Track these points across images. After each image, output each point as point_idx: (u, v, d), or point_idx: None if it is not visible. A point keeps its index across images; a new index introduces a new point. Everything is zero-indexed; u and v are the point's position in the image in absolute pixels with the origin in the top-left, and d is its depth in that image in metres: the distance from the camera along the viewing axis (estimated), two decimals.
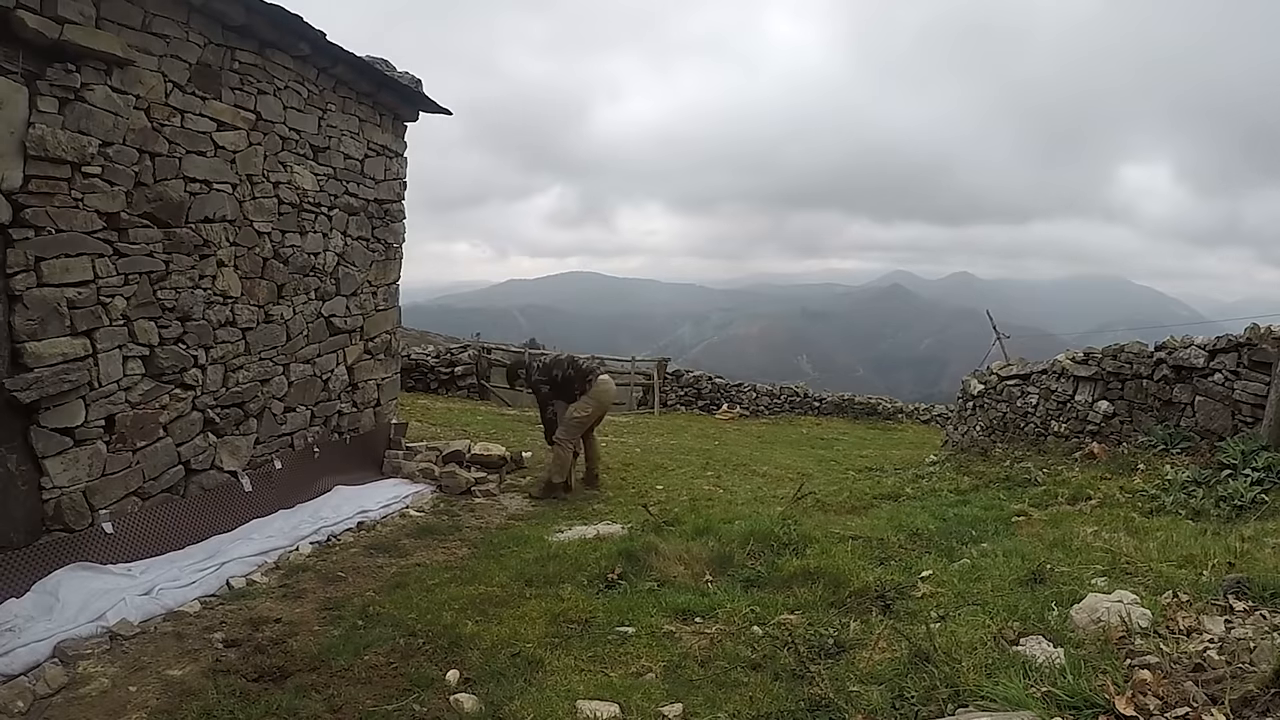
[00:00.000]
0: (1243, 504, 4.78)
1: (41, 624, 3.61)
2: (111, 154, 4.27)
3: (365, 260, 6.95)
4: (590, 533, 5.49)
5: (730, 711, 2.67)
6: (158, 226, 4.63)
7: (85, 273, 4.17)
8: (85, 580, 4.00)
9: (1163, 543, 3.92)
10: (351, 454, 6.84)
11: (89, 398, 4.23)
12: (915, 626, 2.93)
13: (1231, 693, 1.96)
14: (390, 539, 5.47)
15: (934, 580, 3.73)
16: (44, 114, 3.89)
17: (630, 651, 3.33)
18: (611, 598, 3.97)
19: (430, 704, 2.95)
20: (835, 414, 18.54)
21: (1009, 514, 5.27)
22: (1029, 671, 2.26)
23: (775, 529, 4.69)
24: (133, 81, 4.38)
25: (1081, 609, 2.73)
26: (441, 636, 3.55)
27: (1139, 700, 2.00)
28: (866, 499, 6.60)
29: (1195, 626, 2.53)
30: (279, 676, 3.22)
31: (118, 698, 3.11)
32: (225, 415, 5.32)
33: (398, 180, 7.37)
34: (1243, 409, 5.83)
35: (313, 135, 6.07)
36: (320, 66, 6.02)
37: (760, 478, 9.16)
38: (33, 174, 3.85)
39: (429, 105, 7.44)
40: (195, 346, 5.00)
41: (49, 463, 4.03)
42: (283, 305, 5.86)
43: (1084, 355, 7.62)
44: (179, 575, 4.34)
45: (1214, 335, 6.21)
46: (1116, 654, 2.31)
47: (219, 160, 5.09)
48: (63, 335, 4.06)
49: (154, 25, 4.49)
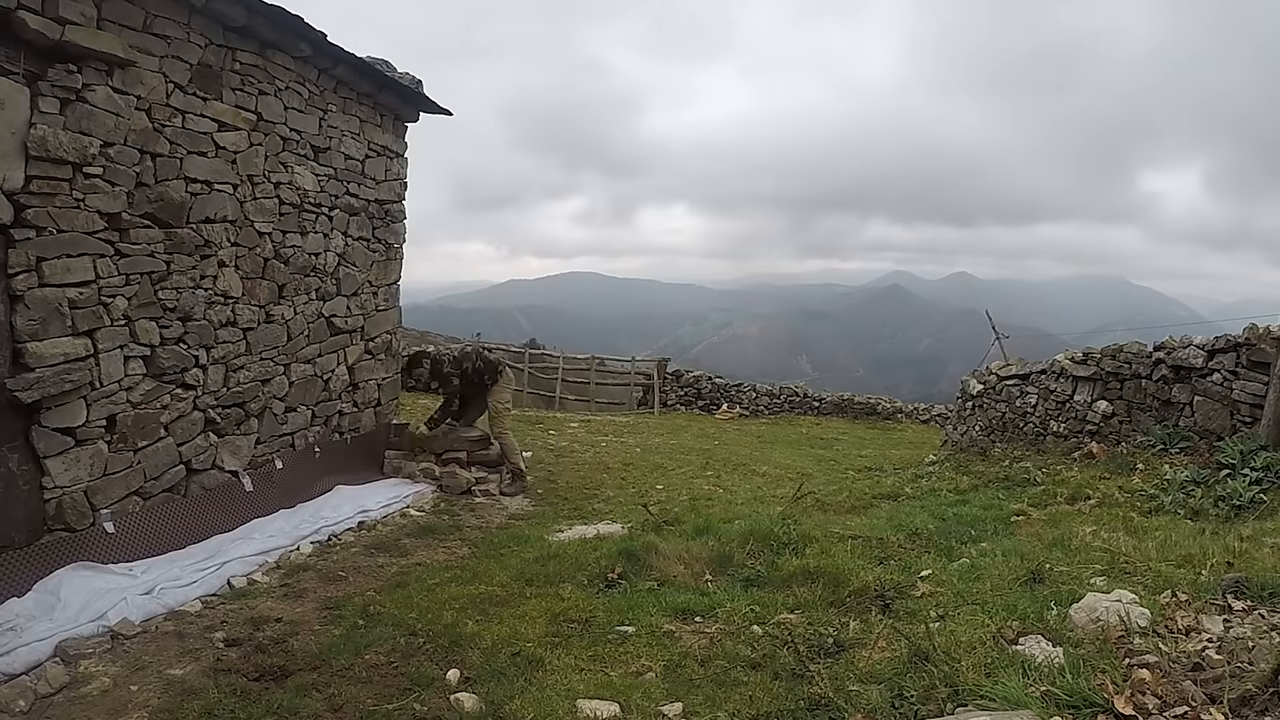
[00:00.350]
0: (1241, 504, 4.79)
1: (43, 623, 3.61)
2: (113, 154, 4.28)
3: (366, 260, 6.97)
4: (590, 532, 5.50)
5: (730, 710, 2.67)
6: (159, 227, 4.64)
7: (86, 273, 4.18)
8: (87, 580, 4.01)
9: (1161, 542, 3.92)
10: (352, 454, 6.86)
11: (90, 397, 4.24)
12: (915, 626, 2.93)
13: (1230, 692, 1.97)
14: (391, 538, 5.48)
15: (933, 580, 3.73)
16: (45, 114, 3.89)
17: (630, 651, 3.34)
18: (611, 597, 3.98)
19: (431, 703, 2.95)
20: (835, 414, 18.55)
21: (1008, 514, 5.27)
22: (1028, 671, 2.26)
23: (775, 528, 4.69)
24: (134, 82, 4.38)
25: (1080, 608, 2.73)
26: (442, 636, 3.56)
27: (1138, 699, 2.00)
28: (866, 499, 6.62)
29: (1194, 626, 2.54)
30: (280, 676, 3.23)
31: (119, 697, 3.11)
32: (226, 415, 5.33)
33: (398, 181, 7.39)
34: (1241, 409, 5.84)
35: (313, 136, 6.08)
36: (321, 67, 6.03)
37: (760, 477, 9.17)
38: (34, 174, 3.86)
39: (429, 106, 7.46)
40: (196, 346, 5.01)
41: (50, 462, 4.04)
42: (283, 305, 5.88)
43: (1083, 355, 7.62)
44: (180, 575, 4.35)
45: (1213, 335, 6.22)
46: (1115, 653, 2.31)
47: (220, 161, 5.11)
48: (64, 335, 4.07)
49: (155, 26, 4.50)
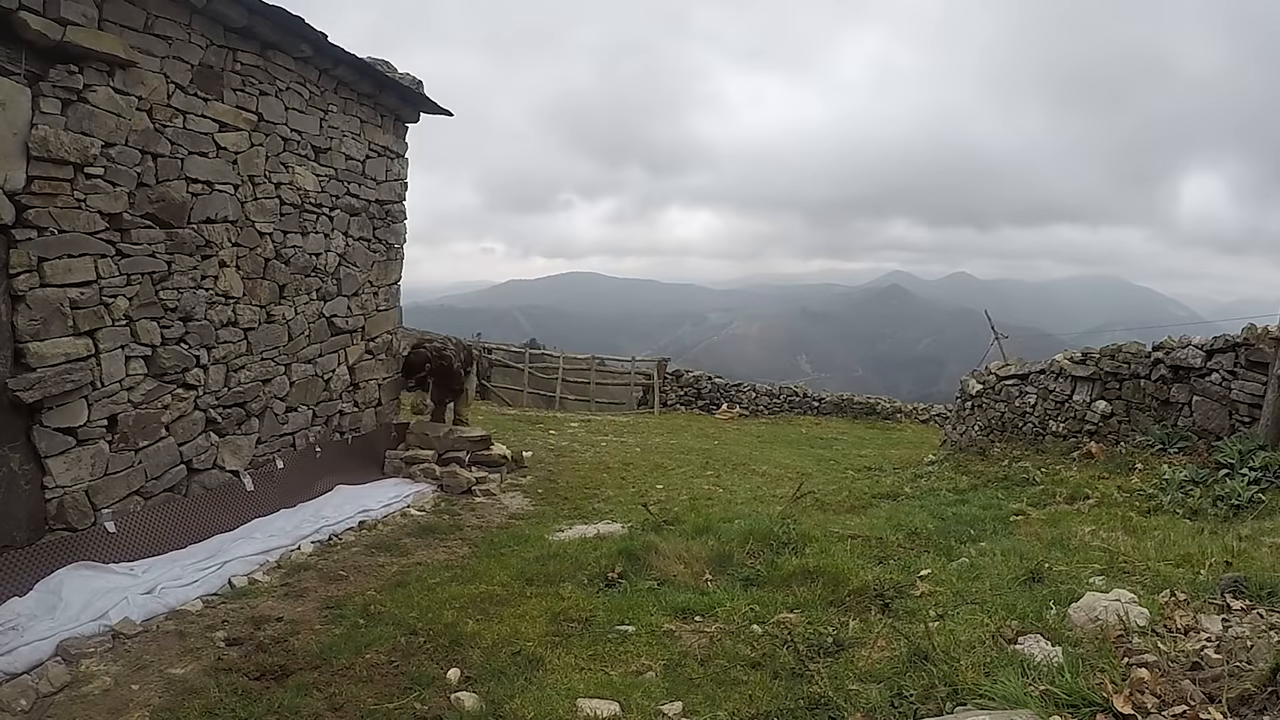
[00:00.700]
0: (1240, 503, 4.80)
1: (44, 623, 3.62)
2: (114, 155, 4.29)
3: (366, 261, 6.98)
4: (590, 532, 5.52)
5: (730, 710, 2.68)
6: (160, 227, 4.66)
7: (88, 273, 4.19)
8: (88, 579, 4.02)
9: (1160, 542, 3.94)
10: (353, 453, 6.87)
11: (91, 397, 4.26)
12: (914, 625, 2.94)
13: (1229, 691, 1.98)
14: (391, 538, 5.49)
15: (932, 579, 3.74)
16: (47, 115, 3.91)
17: (630, 650, 3.35)
18: (612, 596, 3.99)
19: (431, 702, 2.96)
20: (834, 414, 18.65)
21: (1007, 513, 5.29)
22: (1027, 670, 2.27)
23: (774, 528, 4.69)
24: (135, 83, 4.40)
25: (1079, 608, 2.74)
26: (442, 635, 3.57)
27: (1137, 698, 2.01)
28: (865, 498, 6.63)
29: (1193, 625, 2.54)
30: (281, 675, 3.24)
31: (120, 696, 3.12)
32: (227, 415, 5.34)
33: (399, 181, 7.41)
34: (1240, 409, 5.86)
35: (314, 136, 6.10)
36: (322, 68, 6.05)
37: (760, 477, 9.19)
38: (36, 174, 3.88)
39: (429, 106, 7.48)
40: (197, 346, 5.02)
41: (52, 462, 4.05)
42: (284, 305, 5.89)
43: (1082, 355, 7.63)
44: (181, 574, 4.36)
45: (1211, 335, 6.24)
46: (1114, 653, 2.31)
47: (221, 161, 5.12)
48: (65, 335, 4.09)
49: (156, 27, 4.51)
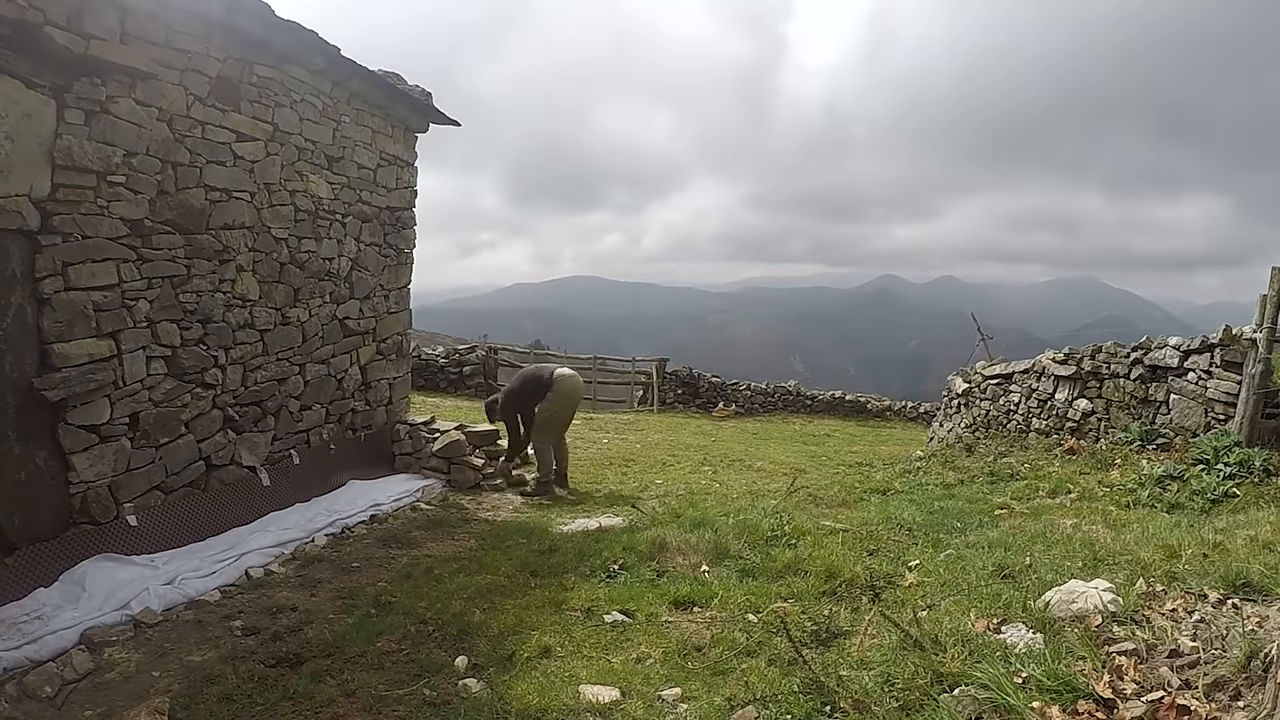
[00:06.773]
0: (1216, 497, 4.90)
1: (69, 612, 3.74)
2: (135, 163, 4.43)
3: (378, 265, 7.12)
4: (592, 525, 5.61)
5: (726, 695, 2.75)
6: (179, 233, 4.79)
7: (110, 277, 4.33)
8: (110, 570, 4.14)
9: (1139, 534, 4.02)
10: (365, 450, 7.01)
11: (114, 396, 4.39)
12: (903, 614, 3.00)
13: (1205, 677, 2.07)
14: (402, 531, 5.61)
15: (921, 570, 3.82)
16: (71, 125, 4.04)
17: (631, 638, 3.42)
18: (613, 587, 4.07)
19: (440, 688, 3.04)
20: (827, 412, 18.86)
21: (992, 507, 5.38)
22: (1011, 657, 2.35)
23: (769, 522, 4.78)
24: (155, 94, 4.54)
25: (1061, 598, 2.80)
26: (450, 624, 3.66)
27: (1116, 684, 2.10)
28: (857, 493, 6.69)
29: (1170, 614, 2.62)
30: (295, 662, 3.33)
31: (141, 682, 3.23)
32: (244, 413, 5.49)
33: (409, 188, 7.55)
34: (1215, 407, 5.95)
35: (328, 145, 6.24)
36: (335, 79, 6.18)
37: (755, 473, 9.29)
38: (60, 183, 4.01)
39: (438, 117, 7.62)
40: (215, 347, 5.16)
41: (76, 458, 4.18)
42: (299, 308, 6.03)
43: (1064, 355, 7.72)
44: (200, 566, 4.49)
45: (1188, 337, 6.36)
46: (1095, 641, 2.40)
47: (238, 170, 5.26)
48: (89, 337, 4.22)
49: (176, 40, 4.64)
